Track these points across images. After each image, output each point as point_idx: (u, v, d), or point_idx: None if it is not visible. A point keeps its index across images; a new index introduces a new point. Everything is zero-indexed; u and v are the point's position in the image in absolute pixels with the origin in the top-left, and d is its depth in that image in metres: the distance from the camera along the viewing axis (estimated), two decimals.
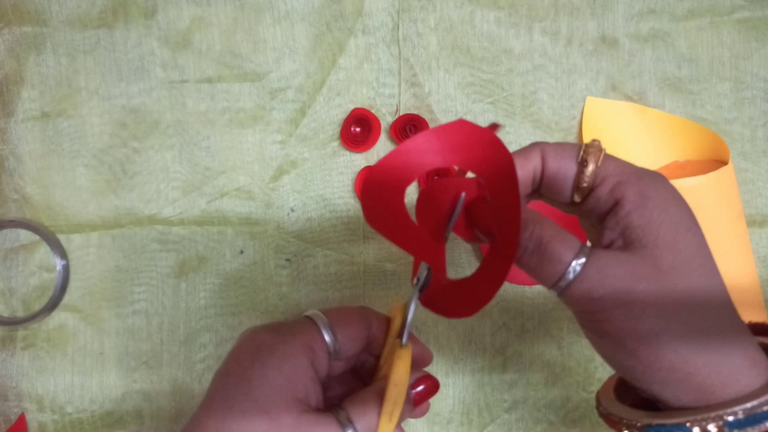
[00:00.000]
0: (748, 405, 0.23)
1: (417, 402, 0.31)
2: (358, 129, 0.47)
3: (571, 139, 0.48)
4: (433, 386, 0.31)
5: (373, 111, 0.47)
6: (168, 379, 0.48)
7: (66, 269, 0.48)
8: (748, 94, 0.47)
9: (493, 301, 0.48)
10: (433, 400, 0.48)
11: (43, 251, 0.48)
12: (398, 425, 0.29)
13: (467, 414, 0.48)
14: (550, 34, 0.47)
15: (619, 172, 0.26)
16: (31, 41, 0.48)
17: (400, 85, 0.48)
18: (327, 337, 0.31)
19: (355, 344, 0.32)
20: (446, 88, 0.48)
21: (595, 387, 0.47)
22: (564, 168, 0.27)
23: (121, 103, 0.48)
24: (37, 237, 0.47)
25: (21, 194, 0.48)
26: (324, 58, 0.48)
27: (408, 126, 0.47)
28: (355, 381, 0.34)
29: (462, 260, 0.48)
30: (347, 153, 0.48)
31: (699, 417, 0.24)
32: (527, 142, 0.47)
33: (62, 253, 0.48)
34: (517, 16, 0.47)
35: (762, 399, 0.23)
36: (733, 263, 0.45)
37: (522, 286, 0.47)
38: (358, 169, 0.48)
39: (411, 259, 0.48)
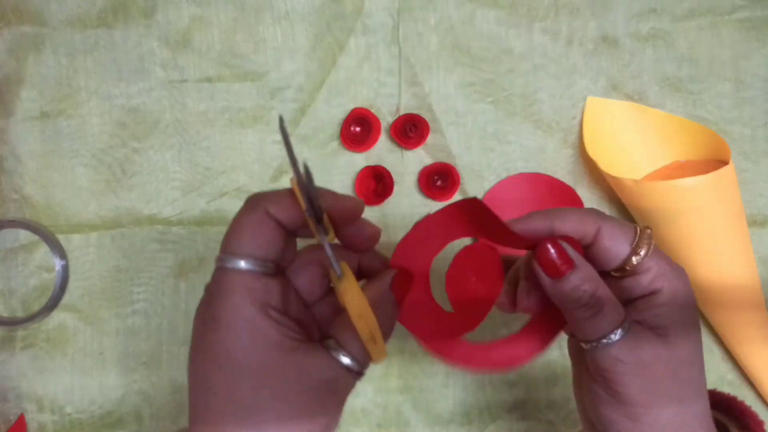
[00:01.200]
0: None
1: (400, 300, 0.30)
2: (358, 129, 0.47)
3: (572, 138, 0.48)
4: (405, 277, 0.31)
5: (373, 111, 0.47)
6: (168, 379, 0.48)
7: (65, 269, 0.48)
8: (748, 94, 0.47)
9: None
10: (434, 401, 0.48)
11: (43, 251, 0.48)
12: (389, 336, 0.29)
13: (468, 414, 0.48)
14: (550, 34, 0.47)
15: (661, 266, 0.29)
16: (31, 41, 0.48)
17: (400, 85, 0.48)
18: (247, 267, 0.27)
19: (274, 246, 0.27)
20: (446, 87, 0.47)
21: None
22: (616, 249, 0.29)
23: (121, 103, 0.48)
24: (36, 237, 0.47)
25: (20, 194, 0.48)
26: (324, 58, 0.48)
27: (408, 126, 0.47)
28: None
29: None
30: (347, 153, 0.48)
31: None
32: (528, 142, 0.47)
33: (62, 253, 0.48)
34: (517, 15, 0.47)
35: None
36: (734, 263, 0.45)
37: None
38: (358, 168, 0.48)
39: None
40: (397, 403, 0.48)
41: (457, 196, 0.48)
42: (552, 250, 0.29)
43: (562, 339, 0.47)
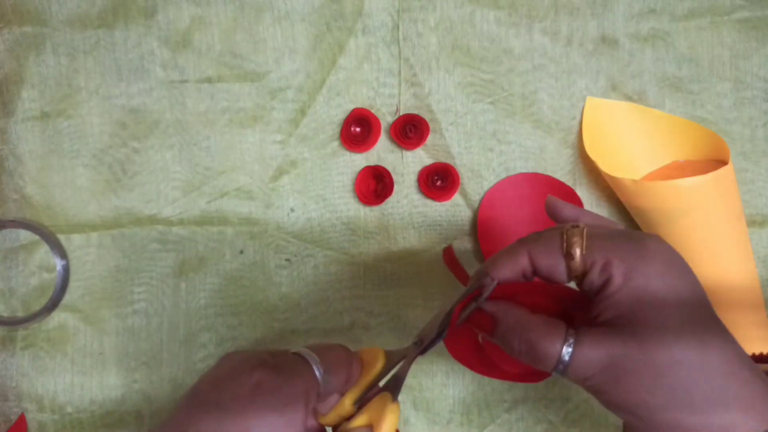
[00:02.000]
0: None
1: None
2: (358, 129, 0.47)
3: (572, 138, 0.48)
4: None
5: (373, 111, 0.47)
6: (168, 379, 0.48)
7: (66, 269, 0.48)
8: (748, 94, 0.47)
9: None
10: (433, 401, 0.48)
11: (43, 251, 0.48)
12: None
13: (467, 414, 0.48)
14: (550, 34, 0.47)
15: (607, 252, 0.28)
16: (31, 41, 0.48)
17: (400, 85, 0.48)
18: (320, 380, 0.30)
19: (339, 386, 0.31)
20: (446, 88, 0.48)
21: None
22: (553, 264, 0.28)
23: (121, 103, 0.48)
24: (37, 237, 0.47)
25: (21, 194, 0.48)
26: (324, 58, 0.48)
27: (408, 126, 0.47)
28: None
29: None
30: (347, 153, 0.48)
31: None
32: (527, 142, 0.47)
33: (62, 253, 0.48)
34: (517, 15, 0.47)
35: None
36: (733, 263, 0.45)
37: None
38: (358, 169, 0.48)
39: (411, 259, 0.48)
40: None
41: (457, 197, 0.48)
42: (475, 314, 0.30)
43: None
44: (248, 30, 0.48)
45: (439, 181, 0.47)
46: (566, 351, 0.27)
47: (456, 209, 0.48)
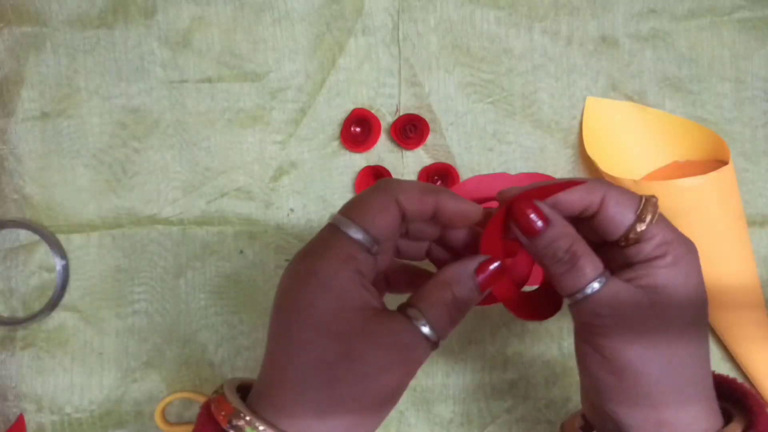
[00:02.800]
0: None
1: (484, 287, 0.31)
2: (358, 129, 0.47)
3: (572, 138, 0.48)
4: (498, 271, 0.31)
5: (373, 111, 0.47)
6: (168, 379, 0.48)
7: (66, 269, 0.48)
8: (748, 94, 0.47)
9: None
10: (433, 401, 0.48)
11: (43, 251, 0.48)
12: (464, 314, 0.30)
13: (467, 414, 0.48)
14: (550, 34, 0.47)
15: (666, 234, 0.29)
16: (31, 41, 0.48)
17: (400, 85, 0.48)
18: (360, 238, 0.28)
19: (389, 222, 0.29)
20: (446, 88, 0.48)
21: None
22: (620, 216, 0.29)
23: (121, 103, 0.48)
24: (36, 237, 0.47)
25: (21, 194, 0.48)
26: (324, 59, 0.48)
27: (408, 126, 0.47)
28: (411, 267, 0.34)
29: None
30: (347, 153, 0.48)
31: None
32: (527, 142, 0.47)
33: (62, 253, 0.48)
34: (517, 15, 0.47)
35: None
36: (734, 263, 0.45)
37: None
38: (358, 169, 0.48)
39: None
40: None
41: None
42: (527, 210, 0.29)
43: (562, 339, 0.47)
44: (248, 30, 0.48)
45: (439, 181, 0.47)
46: (600, 280, 0.29)
47: None
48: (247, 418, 0.27)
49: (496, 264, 0.30)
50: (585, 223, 0.31)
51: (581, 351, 0.31)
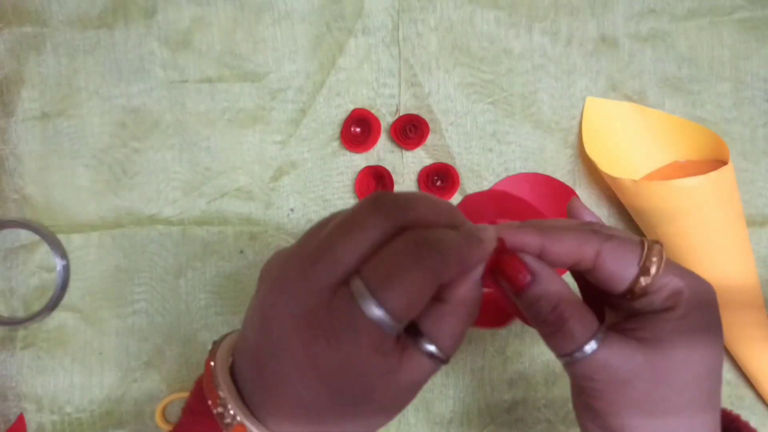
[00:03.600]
0: None
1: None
2: (358, 129, 0.47)
3: (572, 138, 0.48)
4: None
5: (372, 111, 0.47)
6: (168, 379, 0.48)
7: (66, 269, 0.48)
8: (748, 94, 0.47)
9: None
10: (433, 401, 0.48)
11: (43, 251, 0.48)
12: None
13: (467, 414, 0.48)
14: (550, 34, 0.47)
15: (677, 282, 0.26)
16: (31, 41, 0.48)
17: (400, 85, 0.48)
18: (390, 326, 0.24)
19: (417, 306, 0.24)
20: (446, 88, 0.48)
21: None
22: (621, 271, 0.26)
23: (121, 103, 0.48)
24: (37, 237, 0.48)
25: (21, 194, 0.48)
26: (324, 59, 0.48)
27: (408, 126, 0.47)
28: None
29: None
30: (347, 153, 0.48)
31: None
32: (527, 142, 0.47)
33: (62, 253, 0.48)
34: (517, 16, 0.47)
35: None
36: (733, 263, 0.45)
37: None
38: (358, 169, 0.48)
39: None
40: None
41: (456, 197, 0.48)
42: (511, 262, 0.27)
43: None
44: (248, 30, 0.48)
45: (439, 181, 0.47)
46: (592, 344, 0.26)
47: None
48: (237, 419, 0.25)
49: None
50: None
51: (577, 408, 0.29)
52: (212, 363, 0.27)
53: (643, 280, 0.26)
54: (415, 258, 0.23)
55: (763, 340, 0.46)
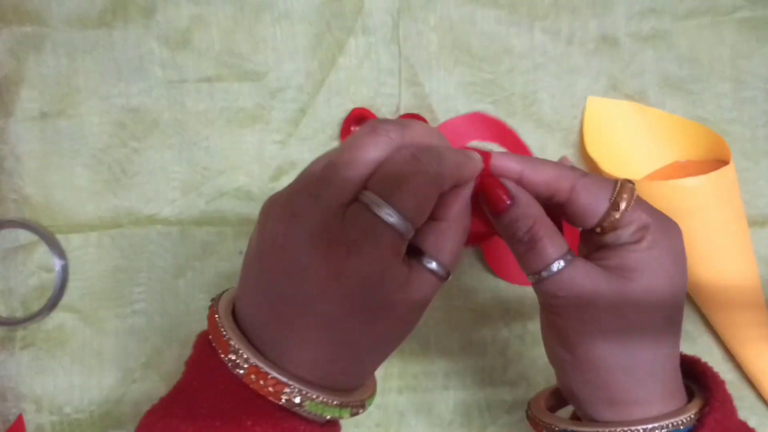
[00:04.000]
0: (647, 426, 0.28)
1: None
2: (358, 129, 0.47)
3: (573, 138, 0.48)
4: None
5: (372, 110, 0.47)
6: (168, 380, 0.48)
7: (65, 269, 0.48)
8: (748, 94, 0.47)
9: (495, 302, 0.47)
10: (433, 402, 0.48)
11: (42, 251, 0.48)
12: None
13: (467, 415, 0.48)
14: (550, 34, 0.47)
15: (644, 218, 0.28)
16: (30, 41, 0.48)
17: (400, 84, 0.48)
18: (405, 231, 0.26)
19: (426, 209, 0.27)
20: (447, 87, 0.47)
21: None
22: (593, 205, 0.29)
23: (121, 103, 0.48)
24: (36, 237, 0.47)
25: (20, 194, 0.48)
26: (324, 58, 0.48)
27: None
28: None
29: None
30: None
31: (607, 429, 0.29)
32: (528, 142, 0.47)
33: (61, 253, 0.47)
34: (517, 15, 0.47)
35: (654, 424, 0.28)
36: (734, 263, 0.45)
37: (522, 286, 0.47)
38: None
39: None
40: (397, 403, 0.48)
41: None
42: (493, 186, 0.29)
43: None
44: (248, 30, 0.48)
45: None
46: (560, 263, 0.28)
47: None
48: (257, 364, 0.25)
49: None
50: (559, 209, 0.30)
51: (542, 328, 0.31)
52: (216, 315, 0.28)
53: (613, 215, 0.28)
54: (417, 165, 0.26)
55: (763, 340, 0.45)
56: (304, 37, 0.48)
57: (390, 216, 0.25)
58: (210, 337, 0.28)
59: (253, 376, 0.25)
